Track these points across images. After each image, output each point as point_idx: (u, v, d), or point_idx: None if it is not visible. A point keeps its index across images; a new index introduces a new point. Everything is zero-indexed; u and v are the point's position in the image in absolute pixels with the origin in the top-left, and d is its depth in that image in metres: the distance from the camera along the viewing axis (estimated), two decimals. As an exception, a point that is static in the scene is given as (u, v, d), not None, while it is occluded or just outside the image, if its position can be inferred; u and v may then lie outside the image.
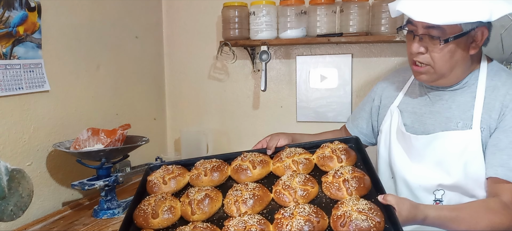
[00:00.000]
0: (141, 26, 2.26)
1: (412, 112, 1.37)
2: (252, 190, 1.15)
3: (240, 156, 1.35)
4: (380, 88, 1.53)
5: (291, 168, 1.26)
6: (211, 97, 2.45)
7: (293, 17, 2.06)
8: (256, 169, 1.28)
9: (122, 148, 1.69)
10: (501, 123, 1.19)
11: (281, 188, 1.15)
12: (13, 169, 1.25)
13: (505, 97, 1.21)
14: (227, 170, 1.33)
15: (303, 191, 1.13)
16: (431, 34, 1.17)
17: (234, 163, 1.33)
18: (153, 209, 1.14)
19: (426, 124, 1.32)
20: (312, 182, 1.17)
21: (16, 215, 1.26)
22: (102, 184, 1.60)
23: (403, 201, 1.03)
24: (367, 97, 1.59)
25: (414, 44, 1.21)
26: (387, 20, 1.93)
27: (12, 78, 1.52)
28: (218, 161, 1.35)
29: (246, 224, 1.02)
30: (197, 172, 1.31)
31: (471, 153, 1.21)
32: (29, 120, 1.61)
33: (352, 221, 0.96)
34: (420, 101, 1.37)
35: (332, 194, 1.13)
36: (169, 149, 2.56)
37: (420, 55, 1.22)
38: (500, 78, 1.25)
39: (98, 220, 1.60)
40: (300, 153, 1.31)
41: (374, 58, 2.14)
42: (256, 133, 2.37)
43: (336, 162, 1.25)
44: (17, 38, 1.53)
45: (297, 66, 2.26)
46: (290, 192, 1.13)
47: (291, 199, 1.12)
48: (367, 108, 1.56)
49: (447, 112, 1.28)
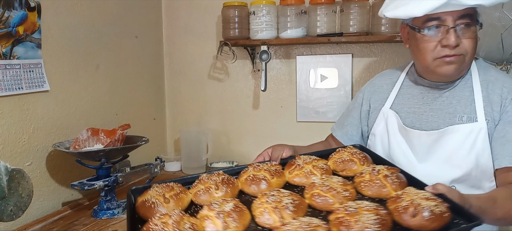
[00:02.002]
0: (140, 26, 2.26)
1: (410, 112, 1.37)
2: (289, 195, 1.02)
3: (251, 166, 1.23)
4: (367, 93, 1.52)
5: (314, 173, 1.18)
6: (211, 97, 2.45)
7: (293, 17, 2.06)
8: (274, 178, 1.17)
9: (121, 148, 1.69)
10: (504, 115, 1.23)
11: (320, 190, 1.05)
12: (13, 169, 1.25)
13: (502, 90, 1.25)
14: (237, 182, 1.18)
15: (345, 191, 1.05)
16: (465, 22, 1.19)
17: (245, 174, 1.19)
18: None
19: (429, 122, 1.32)
20: (348, 183, 1.10)
21: (15, 215, 1.26)
22: (101, 184, 1.60)
23: (452, 189, 1.02)
24: (352, 104, 1.60)
25: (451, 37, 1.19)
26: (387, 20, 1.92)
27: (12, 78, 1.52)
28: (224, 173, 1.19)
29: (310, 225, 0.87)
30: (204, 187, 1.12)
31: (480, 145, 1.23)
32: (28, 120, 1.60)
33: (424, 208, 0.89)
34: (417, 100, 1.36)
35: (375, 192, 1.07)
36: (169, 149, 2.56)
37: (456, 48, 1.21)
38: (491, 74, 1.30)
39: (98, 220, 1.60)
40: (316, 159, 1.26)
41: (375, 58, 2.14)
42: (256, 133, 2.37)
43: (358, 164, 1.21)
44: (16, 38, 1.53)
45: (297, 66, 2.26)
46: (333, 193, 1.04)
47: (335, 200, 1.02)
48: (355, 115, 1.55)
49: (449, 108, 1.29)
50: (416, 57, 1.32)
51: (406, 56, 2.04)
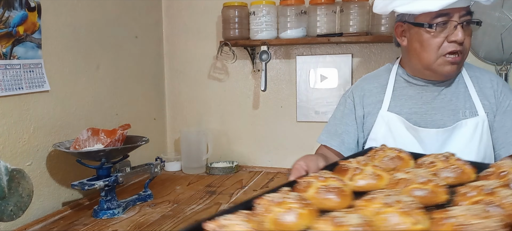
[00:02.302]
0: (141, 26, 2.26)
1: (411, 113, 1.34)
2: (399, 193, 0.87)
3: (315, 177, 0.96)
4: (357, 97, 1.43)
5: (379, 174, 1.01)
6: (211, 97, 2.45)
7: (293, 17, 2.06)
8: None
9: (122, 148, 1.69)
10: (500, 106, 1.30)
11: (427, 185, 0.90)
12: (13, 169, 1.25)
13: (491, 83, 1.32)
14: None
15: (441, 180, 0.94)
16: (468, 20, 1.20)
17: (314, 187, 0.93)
18: None
19: (434, 120, 1.31)
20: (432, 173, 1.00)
21: (16, 215, 1.26)
22: (102, 184, 1.60)
23: None
24: (340, 111, 1.46)
25: (459, 32, 1.19)
26: (387, 20, 1.92)
27: (12, 78, 1.52)
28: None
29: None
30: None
31: (486, 137, 1.29)
32: (29, 120, 1.60)
33: None
34: (416, 101, 1.35)
35: (456, 177, 0.97)
36: (169, 149, 2.56)
37: (460, 45, 1.22)
38: (474, 69, 1.37)
39: (98, 220, 1.60)
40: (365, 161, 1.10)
41: (374, 58, 2.14)
42: (256, 133, 2.38)
43: (407, 160, 1.11)
44: (17, 38, 1.53)
45: (297, 66, 2.26)
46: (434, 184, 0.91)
47: None
48: (349, 121, 1.43)
49: (450, 105, 1.31)
50: (416, 54, 1.29)
51: (406, 56, 2.04)
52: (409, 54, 1.33)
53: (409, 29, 1.29)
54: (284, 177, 2.17)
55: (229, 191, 1.93)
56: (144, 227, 1.53)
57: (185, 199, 1.83)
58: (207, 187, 2.01)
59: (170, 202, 1.79)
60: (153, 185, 1.95)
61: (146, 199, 1.81)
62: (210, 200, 1.81)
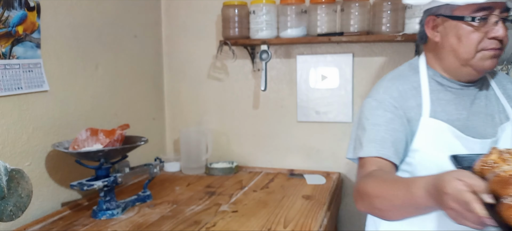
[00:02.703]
0: (140, 25, 2.25)
1: (454, 120, 1.22)
2: None
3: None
4: (394, 100, 1.23)
5: None
6: (210, 97, 2.44)
7: (293, 16, 2.05)
8: None
9: (121, 148, 1.68)
10: None
11: None
12: (12, 169, 1.24)
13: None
14: None
15: None
16: (506, 16, 1.16)
17: None
18: None
19: (476, 127, 1.22)
20: None
21: (15, 215, 1.25)
22: (101, 184, 1.59)
23: None
24: (383, 115, 1.22)
25: (500, 28, 1.14)
26: (388, 19, 1.92)
27: (11, 78, 1.51)
28: None
29: None
30: None
31: None
32: (28, 120, 1.60)
33: None
34: (456, 106, 1.24)
35: None
36: (169, 149, 2.56)
37: (500, 42, 1.17)
38: (491, 73, 1.33)
39: (97, 221, 1.59)
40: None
41: (375, 58, 2.14)
42: (256, 133, 2.37)
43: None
44: (16, 38, 1.52)
45: (298, 66, 2.25)
46: None
47: None
48: (398, 127, 1.20)
49: (485, 109, 1.25)
50: (453, 50, 1.19)
51: (407, 56, 2.03)
52: (444, 50, 1.21)
53: (444, 23, 1.19)
54: (284, 177, 2.16)
55: (229, 192, 1.92)
56: (144, 228, 1.52)
57: (184, 200, 1.82)
58: (206, 188, 2.00)
59: (169, 203, 1.78)
60: (152, 185, 1.94)
61: (145, 199, 1.80)
62: (210, 201, 1.80)
